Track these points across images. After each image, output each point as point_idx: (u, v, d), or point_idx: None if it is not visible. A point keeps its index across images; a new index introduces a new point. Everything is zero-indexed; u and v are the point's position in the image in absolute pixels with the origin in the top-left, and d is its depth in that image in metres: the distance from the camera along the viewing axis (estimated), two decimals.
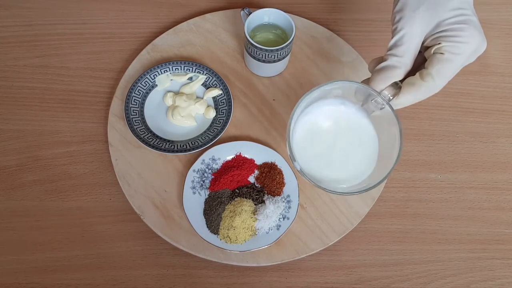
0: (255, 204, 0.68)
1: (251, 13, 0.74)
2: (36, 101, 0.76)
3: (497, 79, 0.82)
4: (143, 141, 0.70)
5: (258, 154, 0.71)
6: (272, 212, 0.66)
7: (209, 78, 0.76)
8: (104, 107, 0.76)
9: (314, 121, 0.59)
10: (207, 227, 0.66)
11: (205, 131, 0.73)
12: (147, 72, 0.74)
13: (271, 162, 0.70)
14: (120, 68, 0.78)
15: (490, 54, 0.84)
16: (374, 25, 0.85)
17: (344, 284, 0.67)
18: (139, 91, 0.74)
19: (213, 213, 0.66)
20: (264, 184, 0.69)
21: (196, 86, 0.75)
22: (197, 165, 0.70)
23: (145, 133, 0.71)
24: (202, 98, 0.75)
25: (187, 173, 0.69)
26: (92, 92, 0.77)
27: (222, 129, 0.72)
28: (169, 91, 0.75)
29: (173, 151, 0.70)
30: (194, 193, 0.68)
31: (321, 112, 0.59)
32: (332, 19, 0.85)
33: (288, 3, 0.85)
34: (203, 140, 0.71)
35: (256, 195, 0.68)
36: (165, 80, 0.75)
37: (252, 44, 0.71)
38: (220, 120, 0.73)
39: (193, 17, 0.82)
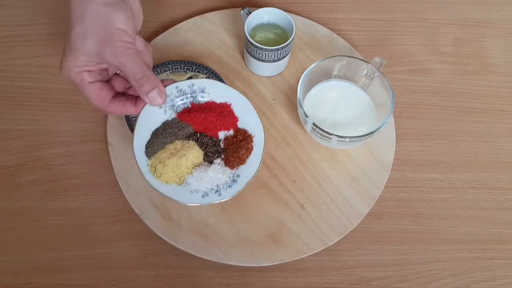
0: (204, 159, 0.62)
1: (251, 12, 0.73)
2: (36, 100, 0.76)
3: (497, 79, 0.82)
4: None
5: (247, 118, 0.63)
6: (209, 178, 0.60)
7: (209, 77, 0.76)
8: None
9: (321, 91, 0.73)
10: (146, 146, 0.60)
11: None
12: None
13: (250, 134, 0.63)
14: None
15: (490, 53, 0.84)
16: (375, 25, 0.85)
17: (344, 284, 0.67)
18: None
19: (161, 138, 0.61)
20: (228, 148, 0.62)
21: None
22: (184, 85, 0.62)
23: None
24: None
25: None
26: None
27: None
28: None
29: None
30: (160, 107, 0.61)
31: (325, 86, 0.74)
32: (332, 19, 0.85)
33: (288, 2, 0.85)
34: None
35: (211, 152, 0.62)
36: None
37: (252, 44, 0.71)
38: None
39: (193, 17, 0.82)
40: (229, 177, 0.61)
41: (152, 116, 0.61)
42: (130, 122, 0.71)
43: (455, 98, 0.80)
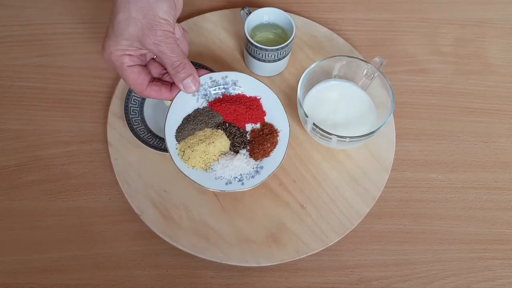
0: (230, 149, 0.65)
1: (251, 12, 0.73)
2: (36, 100, 0.76)
3: (498, 79, 0.82)
4: (142, 141, 0.70)
5: (275, 113, 0.66)
6: (234, 167, 0.63)
7: None
8: (103, 107, 0.76)
9: (321, 91, 0.73)
10: (177, 130, 0.64)
11: None
12: None
13: (276, 129, 0.66)
14: None
15: (490, 53, 0.84)
16: (375, 25, 0.85)
17: (344, 284, 0.67)
18: None
19: (191, 124, 0.63)
20: (254, 141, 0.65)
21: None
22: (217, 76, 0.65)
23: (144, 132, 0.71)
24: None
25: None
26: (91, 92, 0.77)
27: None
28: None
29: None
30: (194, 95, 0.64)
31: (325, 86, 0.73)
32: (333, 19, 0.85)
33: (288, 2, 0.85)
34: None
35: (238, 143, 0.65)
36: None
37: (252, 44, 0.71)
38: None
39: (193, 17, 0.82)
40: (253, 168, 0.64)
41: (185, 103, 0.64)
42: (130, 123, 0.71)
43: (455, 98, 0.80)
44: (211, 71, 0.75)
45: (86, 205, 0.70)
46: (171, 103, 0.63)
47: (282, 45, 0.71)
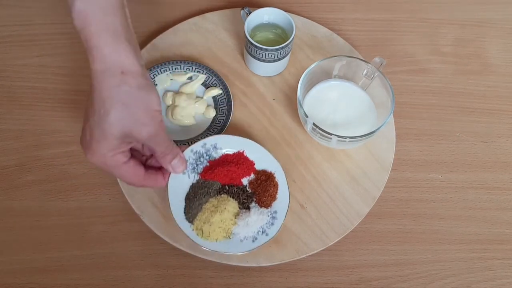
0: (239, 208, 0.66)
1: (251, 12, 0.73)
2: (36, 100, 0.76)
3: (497, 79, 0.82)
4: None
5: (261, 159, 0.68)
6: (253, 222, 0.64)
7: (209, 77, 0.76)
8: None
9: (321, 91, 0.73)
10: (185, 212, 0.64)
11: (204, 131, 0.72)
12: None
13: (270, 172, 0.67)
14: None
15: (490, 53, 0.84)
16: (375, 25, 0.85)
17: (344, 284, 0.67)
18: None
19: (195, 201, 0.64)
20: (256, 191, 0.66)
21: (196, 85, 0.75)
22: (197, 147, 0.66)
23: None
24: (202, 97, 0.75)
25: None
26: None
27: (222, 129, 0.72)
28: (168, 91, 0.75)
29: None
30: (184, 173, 0.65)
31: (325, 86, 0.73)
32: (332, 19, 0.85)
33: (288, 2, 0.85)
34: (202, 139, 0.71)
35: (244, 199, 0.66)
36: (165, 80, 0.75)
37: (252, 44, 0.71)
38: (220, 120, 0.73)
39: (193, 17, 0.82)
40: (269, 216, 0.65)
41: (179, 184, 0.64)
42: None
43: (455, 98, 0.80)
44: (211, 70, 0.75)
45: (86, 205, 0.70)
46: (167, 188, 0.63)
47: (282, 45, 0.71)
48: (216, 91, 0.75)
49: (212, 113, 0.73)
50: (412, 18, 0.86)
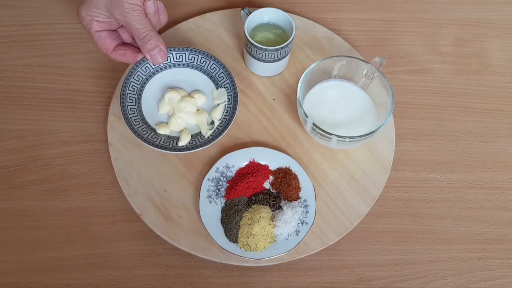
0: (272, 211, 0.67)
1: (251, 12, 0.73)
2: (36, 100, 0.76)
3: (497, 79, 0.82)
4: (142, 138, 0.68)
5: (272, 159, 0.70)
6: (290, 217, 0.65)
7: (216, 70, 0.74)
8: (103, 107, 0.76)
9: (320, 91, 0.73)
10: (226, 236, 0.66)
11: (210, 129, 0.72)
12: (138, 65, 0.71)
13: (286, 167, 0.70)
14: (119, 67, 0.78)
15: (490, 53, 0.84)
16: (374, 25, 0.85)
17: (344, 284, 0.67)
18: (133, 86, 0.72)
19: (231, 222, 0.66)
20: (280, 189, 0.68)
21: (199, 103, 0.73)
22: (212, 173, 0.69)
23: (146, 132, 0.70)
24: (204, 110, 0.73)
25: (201, 182, 0.68)
26: (91, 92, 0.77)
27: (224, 129, 0.70)
28: (169, 90, 0.73)
29: (173, 149, 0.69)
30: (210, 202, 0.67)
31: (325, 86, 0.74)
32: (332, 19, 0.85)
33: (288, 2, 0.85)
34: (203, 139, 0.70)
35: (273, 201, 0.67)
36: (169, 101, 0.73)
37: (252, 44, 0.71)
38: (223, 119, 0.72)
39: (193, 17, 0.82)
40: (301, 206, 0.67)
41: (210, 213, 0.67)
42: (131, 123, 0.70)
43: (455, 98, 0.80)
44: (219, 62, 0.73)
45: (86, 205, 0.70)
46: (203, 222, 0.66)
47: (282, 45, 0.71)
48: (222, 105, 0.73)
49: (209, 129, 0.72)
50: (412, 18, 0.86)
